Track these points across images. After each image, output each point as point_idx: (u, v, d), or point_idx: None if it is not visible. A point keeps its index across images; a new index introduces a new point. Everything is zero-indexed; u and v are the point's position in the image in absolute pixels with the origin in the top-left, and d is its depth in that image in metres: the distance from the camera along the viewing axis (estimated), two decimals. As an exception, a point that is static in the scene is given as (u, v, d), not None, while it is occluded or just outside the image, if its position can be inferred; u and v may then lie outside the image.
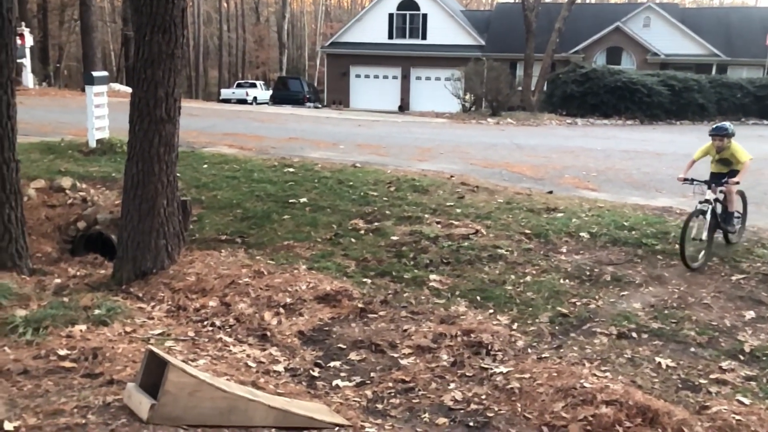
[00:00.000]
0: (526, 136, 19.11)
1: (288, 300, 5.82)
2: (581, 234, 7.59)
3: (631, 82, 27.58)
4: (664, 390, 4.46)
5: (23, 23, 24.48)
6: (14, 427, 2.85)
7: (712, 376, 4.67)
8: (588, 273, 6.58)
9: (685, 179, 6.90)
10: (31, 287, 5.78)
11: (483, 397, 4.39)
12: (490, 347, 5.02)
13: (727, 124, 7.06)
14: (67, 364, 3.85)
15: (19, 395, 3.36)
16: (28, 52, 24.64)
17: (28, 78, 25.06)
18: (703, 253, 6.65)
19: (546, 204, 8.87)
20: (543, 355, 4.95)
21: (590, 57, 34.60)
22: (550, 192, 9.97)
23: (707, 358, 4.94)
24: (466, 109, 29.73)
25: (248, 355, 4.78)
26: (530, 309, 5.76)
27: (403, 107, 36.97)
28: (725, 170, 7.02)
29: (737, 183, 6.79)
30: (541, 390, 4.36)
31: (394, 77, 39.03)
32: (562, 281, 6.37)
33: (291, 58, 57.25)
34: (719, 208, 6.93)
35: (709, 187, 6.80)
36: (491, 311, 5.76)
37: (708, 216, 6.58)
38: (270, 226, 7.87)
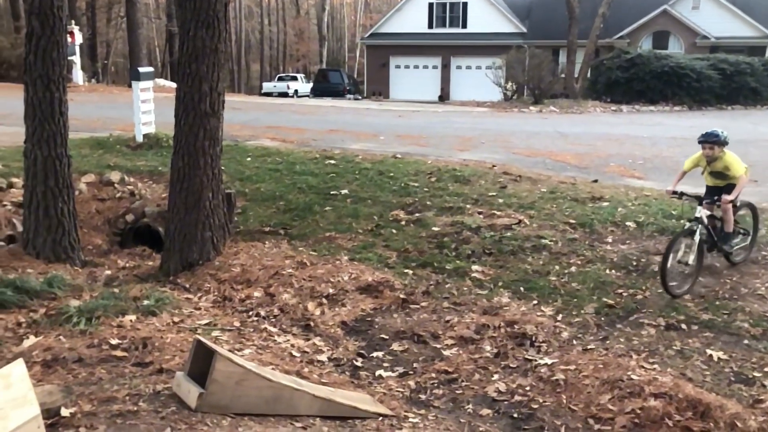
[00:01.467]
0: (570, 124, 18.78)
1: (330, 291, 5.87)
2: (627, 223, 7.43)
3: (679, 66, 26.78)
4: (716, 383, 4.34)
5: (73, 21, 25.18)
6: (70, 413, 2.96)
7: (766, 369, 4.52)
8: (635, 263, 6.43)
9: (674, 192, 6.03)
10: (83, 278, 5.97)
11: (527, 388, 4.35)
12: (534, 338, 4.97)
13: (718, 130, 6.00)
14: (118, 353, 3.97)
15: (74, 382, 3.48)
16: (77, 49, 25.38)
17: (78, 75, 25.81)
18: (690, 278, 5.77)
19: (591, 193, 8.70)
20: (588, 347, 4.87)
21: (636, 42, 33.67)
22: (595, 181, 9.78)
23: (762, 351, 4.77)
24: (507, 97, 29.36)
25: (292, 345, 4.84)
26: (575, 300, 5.67)
27: (444, 97, 36.72)
28: (722, 184, 6.08)
29: (730, 201, 5.86)
30: (587, 382, 4.29)
31: (434, 67, 38.76)
32: (607, 272, 6.25)
33: (331, 50, 57.44)
34: (713, 227, 6.06)
35: (701, 203, 5.87)
36: (535, 302, 5.69)
37: (697, 237, 5.68)
38: (312, 217, 7.94)
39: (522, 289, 5.95)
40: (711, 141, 5.94)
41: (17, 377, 3.03)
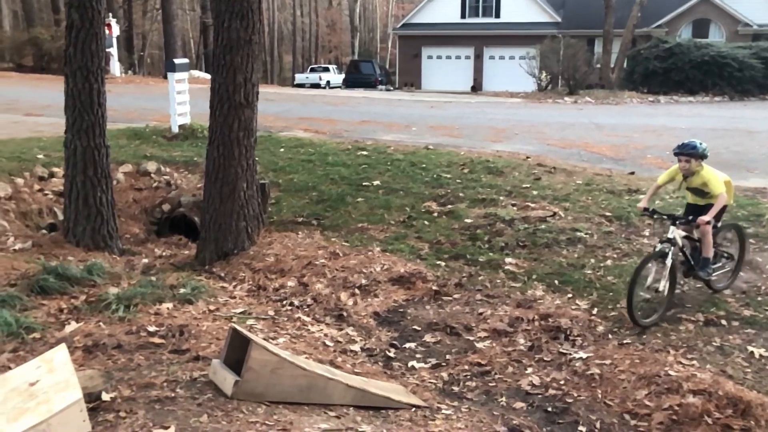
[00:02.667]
0: (606, 115, 18.45)
1: (363, 281, 5.88)
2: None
3: (719, 55, 26.05)
4: (758, 381, 4.24)
5: (110, 14, 25.61)
6: (111, 397, 3.02)
7: (810, 368, 4.40)
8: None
9: (645, 209, 5.37)
10: (121, 266, 6.09)
11: (561, 382, 4.31)
12: (568, 332, 4.92)
13: (695, 142, 5.25)
14: (156, 339, 4.04)
15: (114, 368, 3.55)
16: (114, 41, 25.81)
17: (115, 66, 26.26)
18: (660, 307, 5.14)
19: (627, 185, 8.54)
20: (624, 341, 4.80)
21: (674, 31, 32.82)
22: (632, 173, 9.59)
23: (805, 349, 4.64)
24: (541, 88, 28.98)
25: (326, 335, 4.87)
26: (611, 294, 5.58)
27: (476, 88, 36.39)
28: (702, 202, 5.36)
29: (708, 223, 5.09)
30: (623, 377, 4.24)
31: (467, 57, 38.41)
32: (644, 265, 6.12)
33: (363, 41, 57.37)
34: (690, 250, 5.42)
35: (674, 223, 5.19)
36: (570, 296, 5.62)
37: (669, 261, 5.02)
38: (344, 208, 7.96)
39: (556, 282, 5.88)
40: (687, 153, 5.19)
41: (60, 362, 3.10)
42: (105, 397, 3.00)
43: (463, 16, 38.33)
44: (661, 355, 4.50)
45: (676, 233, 5.16)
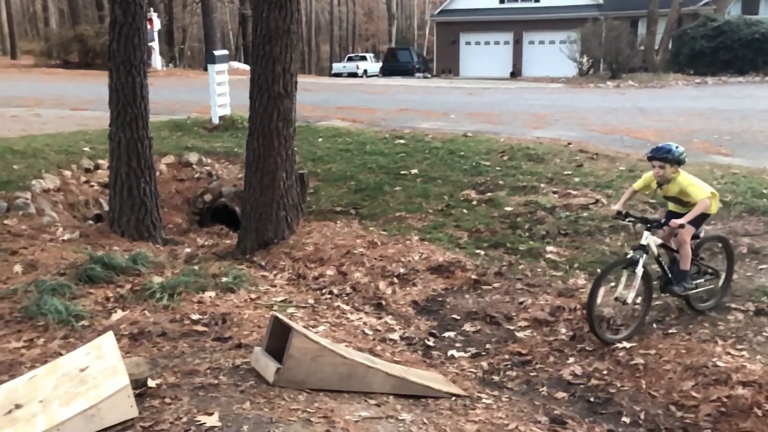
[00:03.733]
0: (650, 99, 17.97)
1: (401, 270, 5.88)
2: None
3: (772, 33, 25.06)
4: (811, 372, 4.08)
5: (151, 8, 26.07)
6: (156, 384, 3.09)
7: None
8: (721, 245, 6.10)
9: (618, 213, 4.92)
10: (165, 256, 6.22)
11: (604, 372, 4.24)
12: (611, 321, 4.82)
13: (671, 145, 4.76)
14: (199, 327, 4.12)
15: (159, 355, 3.64)
16: (156, 35, 26.28)
17: (157, 60, 26.74)
18: (631, 321, 4.75)
19: (672, 171, 8.30)
20: (670, 331, 4.69)
21: (722, 8, 31.63)
22: (677, 158, 9.31)
23: None
24: (583, 72, 28.38)
25: (365, 323, 4.90)
26: (655, 283, 5.44)
27: (516, 73, 35.86)
28: (683, 211, 4.84)
29: (681, 226, 4.59)
30: (668, 367, 4.14)
31: (506, 42, 37.86)
32: (691, 253, 5.96)
33: (400, 28, 57.09)
34: (669, 261, 4.98)
35: (649, 228, 4.73)
36: (612, 284, 5.50)
37: (640, 269, 4.55)
38: (382, 197, 7.97)
39: (599, 270, 5.75)
40: (660, 158, 4.70)
41: (108, 349, 3.19)
42: (151, 383, 3.07)
43: (501, 0, 37.77)
44: (708, 345, 4.37)
45: (650, 240, 4.68)
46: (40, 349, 3.83)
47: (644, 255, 4.60)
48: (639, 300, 4.74)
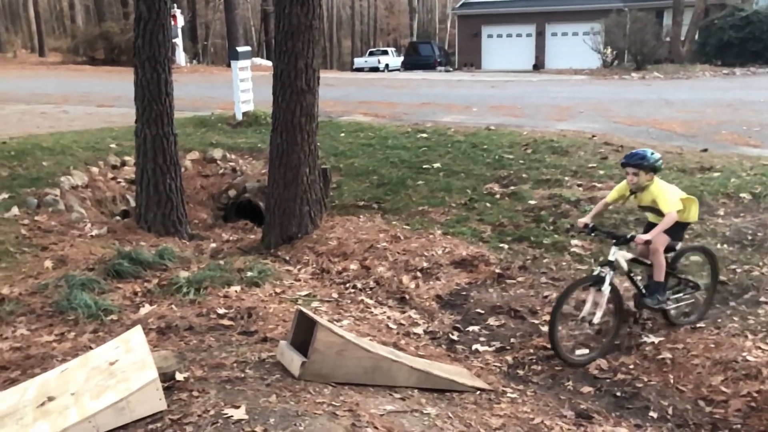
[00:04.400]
0: (676, 90, 17.68)
1: (425, 264, 5.88)
2: (742, 195, 6.93)
3: (801, 23, 24.49)
4: (844, 367, 4.00)
5: (175, 4, 26.30)
6: (184, 377, 3.14)
7: None
8: (750, 237, 6.00)
9: (586, 226, 4.59)
10: (191, 251, 6.30)
11: (631, 366, 4.20)
12: (638, 315, 4.77)
13: (646, 151, 4.48)
14: (225, 321, 4.17)
15: (186, 349, 3.69)
16: (180, 31, 26.51)
17: (181, 56, 26.99)
18: (598, 342, 4.51)
19: (700, 163, 8.17)
20: (698, 325, 4.62)
21: (751, -2, 31.05)
22: (705, 150, 9.16)
23: None
24: (607, 64, 28.03)
25: (389, 317, 4.91)
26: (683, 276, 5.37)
27: (538, 66, 35.52)
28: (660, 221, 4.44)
29: (646, 242, 4.29)
30: (697, 362, 4.09)
31: (528, 35, 37.50)
32: (719, 246, 5.86)
33: (421, 22, 56.86)
34: (645, 278, 4.73)
35: (618, 243, 4.40)
36: (639, 278, 5.44)
37: (606, 288, 4.28)
38: (405, 191, 7.96)
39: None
40: (633, 164, 4.41)
41: (137, 342, 3.25)
42: (179, 376, 3.12)
43: (523, -8, 37.40)
44: (738, 339, 4.30)
45: (618, 255, 4.39)
46: (71, 343, 3.91)
47: (612, 272, 4.32)
48: (607, 319, 4.47)
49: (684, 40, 28.42)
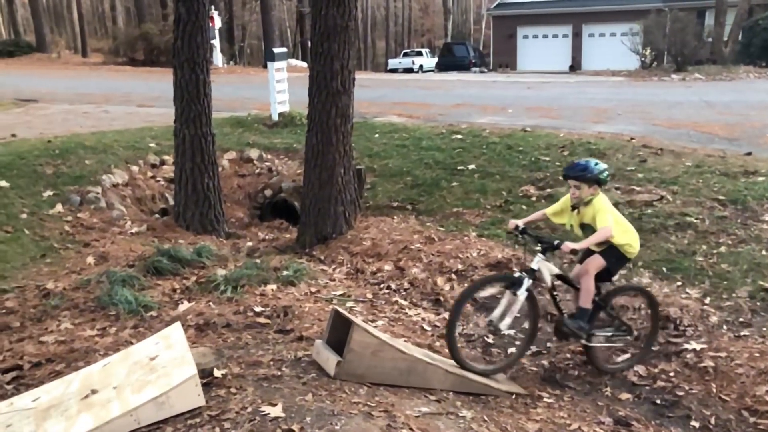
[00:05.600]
0: (718, 92, 17.25)
1: (459, 266, 5.84)
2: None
3: None
4: None
5: (213, 6, 26.70)
6: (222, 374, 3.18)
7: None
8: (796, 244, 5.83)
9: (516, 227, 4.20)
10: (227, 249, 6.38)
11: (671, 374, 4.12)
12: (678, 322, 4.67)
13: (589, 162, 4.11)
14: (262, 319, 4.21)
15: (224, 346, 3.74)
16: (217, 33, 26.87)
17: (218, 58, 27.35)
18: (505, 351, 4.29)
19: (743, 167, 7.95)
20: (741, 333, 4.50)
21: (798, -3, 30.12)
22: (749, 153, 8.92)
23: None
24: (645, 65, 27.50)
25: (423, 319, 4.89)
26: (725, 282, 5.24)
27: (575, 67, 35.07)
28: (598, 249, 4.16)
29: (574, 252, 3.95)
30: (740, 371, 3.98)
31: (565, 36, 37.05)
32: (764, 252, 5.70)
33: (456, 23, 56.64)
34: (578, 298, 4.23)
35: (544, 251, 4.03)
36: (679, 283, 5.34)
37: (522, 294, 3.88)
38: (439, 193, 7.93)
39: (664, 269, 5.60)
40: (574, 176, 4.04)
41: (176, 339, 3.30)
42: (217, 373, 3.16)
43: (560, -8, 36.98)
44: (783, 349, 4.18)
45: (542, 265, 3.98)
46: (112, 338, 4.00)
47: (531, 280, 3.92)
48: (516, 331, 4.18)
49: (727, 40, 27.73)
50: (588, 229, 4.09)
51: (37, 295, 4.74)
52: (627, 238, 4.14)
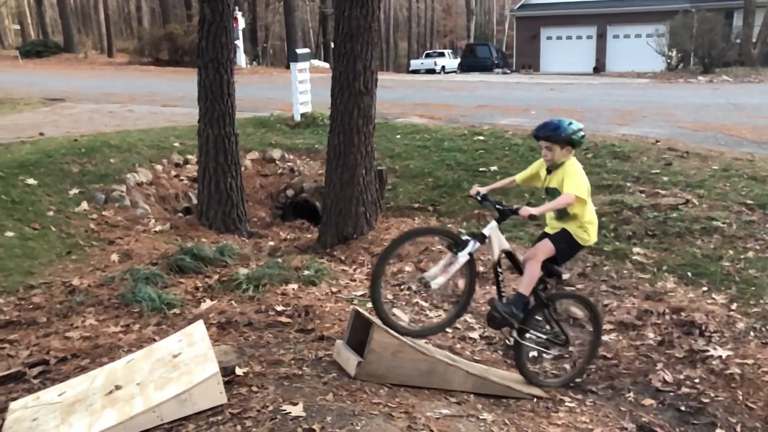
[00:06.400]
0: (746, 95, 16.96)
1: (480, 268, 5.80)
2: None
3: None
4: None
5: (236, 7, 26.91)
6: (243, 372, 3.20)
7: None
8: (827, 250, 5.71)
9: (477, 193, 3.95)
10: (249, 248, 6.42)
11: (696, 380, 4.05)
12: (703, 328, 4.60)
13: (561, 120, 3.80)
14: (283, 319, 4.22)
15: (245, 344, 3.76)
16: (241, 34, 27.10)
17: (241, 58, 27.57)
18: (434, 313, 4.02)
19: (772, 170, 7.82)
20: (769, 340, 4.42)
21: (829, -2, 29.50)
22: (777, 157, 8.76)
23: None
24: (671, 67, 27.14)
25: (439, 316, 4.87)
26: (753, 288, 5.15)
27: (599, 68, 34.71)
28: (557, 225, 3.91)
29: (532, 217, 3.61)
30: (768, 379, 3.91)
31: (589, 37, 36.70)
32: (793, 258, 5.60)
33: (479, 24, 56.45)
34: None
35: (501, 219, 3.77)
36: (705, 289, 5.25)
37: (463, 257, 3.58)
38: (460, 194, 7.89)
39: (689, 274, 5.52)
40: (544, 136, 3.77)
41: (199, 336, 3.33)
42: (239, 371, 3.18)
43: (585, -7, 36.65)
44: (813, 357, 4.10)
45: (494, 234, 3.72)
46: (136, 335, 4.04)
47: (477, 245, 3.62)
48: (456, 290, 3.72)
49: (755, 41, 27.25)
50: (555, 194, 3.77)
51: (63, 291, 4.81)
52: (587, 217, 3.80)
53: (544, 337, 3.97)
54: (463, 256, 3.56)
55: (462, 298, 3.84)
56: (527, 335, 3.91)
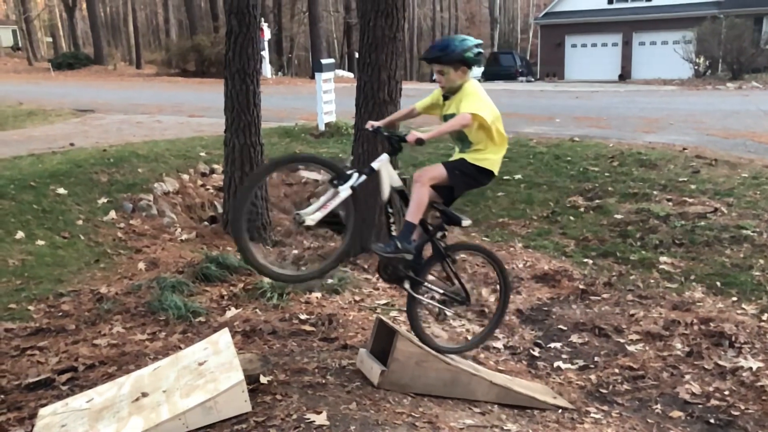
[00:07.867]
0: (776, 101, 16.65)
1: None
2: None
3: None
4: None
5: (262, 18, 27.24)
6: (267, 381, 3.22)
7: None
8: None
9: (373, 127, 3.69)
10: (274, 257, 6.46)
11: (726, 392, 3.97)
12: (733, 339, 4.51)
13: (452, 39, 3.41)
14: (307, 327, 4.25)
15: (269, 353, 3.78)
16: (266, 44, 27.39)
17: (267, 69, 27.86)
18: (305, 255, 3.44)
19: (804, 178, 7.66)
20: (802, 353, 4.32)
21: None
22: (809, 165, 8.58)
23: None
24: (699, 74, 26.77)
25: (467, 330, 4.85)
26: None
27: (624, 76, 34.37)
28: (460, 155, 3.59)
29: (419, 142, 3.16)
30: (801, 392, 3.81)
31: (614, 44, 36.38)
32: (826, 269, 5.47)
33: (503, 32, 56.34)
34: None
35: (393, 152, 3.43)
36: (734, 299, 5.16)
37: (345, 190, 3.20)
38: (484, 202, 7.87)
39: (718, 283, 5.42)
40: (434, 58, 3.38)
41: (224, 344, 3.36)
42: (263, 380, 3.20)
43: (610, 1, 36.37)
44: None
45: (384, 168, 3.32)
46: (162, 342, 4.09)
47: (362, 178, 3.23)
48: (323, 238, 3.36)
49: (786, 47, 26.77)
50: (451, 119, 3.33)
51: (91, 299, 4.89)
52: (492, 147, 3.48)
53: (442, 291, 3.63)
54: (344, 191, 3.16)
55: (345, 240, 3.42)
56: (422, 290, 3.54)
